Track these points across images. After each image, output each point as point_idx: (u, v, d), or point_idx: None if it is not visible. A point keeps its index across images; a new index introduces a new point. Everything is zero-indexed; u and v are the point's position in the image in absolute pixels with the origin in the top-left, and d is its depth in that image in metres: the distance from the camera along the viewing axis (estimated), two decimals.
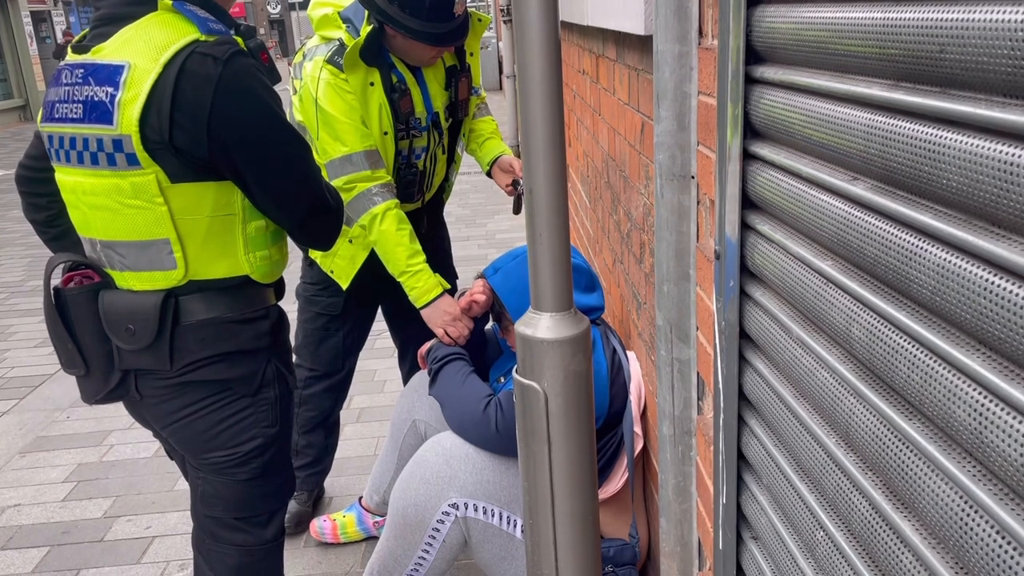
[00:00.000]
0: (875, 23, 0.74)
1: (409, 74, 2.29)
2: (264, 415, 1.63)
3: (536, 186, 1.24)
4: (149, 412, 1.63)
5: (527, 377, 1.33)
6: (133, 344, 1.52)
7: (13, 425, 3.62)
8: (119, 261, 1.51)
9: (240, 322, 1.56)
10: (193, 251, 1.49)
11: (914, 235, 0.71)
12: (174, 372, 1.54)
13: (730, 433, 1.21)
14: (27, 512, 2.91)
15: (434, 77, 2.36)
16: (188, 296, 1.52)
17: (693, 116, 1.34)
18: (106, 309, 1.53)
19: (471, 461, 1.92)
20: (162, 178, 1.41)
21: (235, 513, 1.68)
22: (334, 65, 2.13)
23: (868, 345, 0.80)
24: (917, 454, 0.72)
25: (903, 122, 0.72)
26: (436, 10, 2.08)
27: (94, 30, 1.48)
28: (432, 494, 1.90)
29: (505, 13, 9.39)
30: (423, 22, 2.08)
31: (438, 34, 2.12)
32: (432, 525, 1.91)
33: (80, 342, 1.56)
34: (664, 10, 1.32)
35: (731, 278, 1.14)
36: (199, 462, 1.65)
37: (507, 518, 1.92)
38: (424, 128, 2.35)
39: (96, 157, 1.43)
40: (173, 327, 1.51)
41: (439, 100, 2.39)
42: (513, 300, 2.04)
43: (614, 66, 2.26)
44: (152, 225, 1.45)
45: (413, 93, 2.29)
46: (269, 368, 1.63)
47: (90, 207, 1.49)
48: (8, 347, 4.60)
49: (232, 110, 1.39)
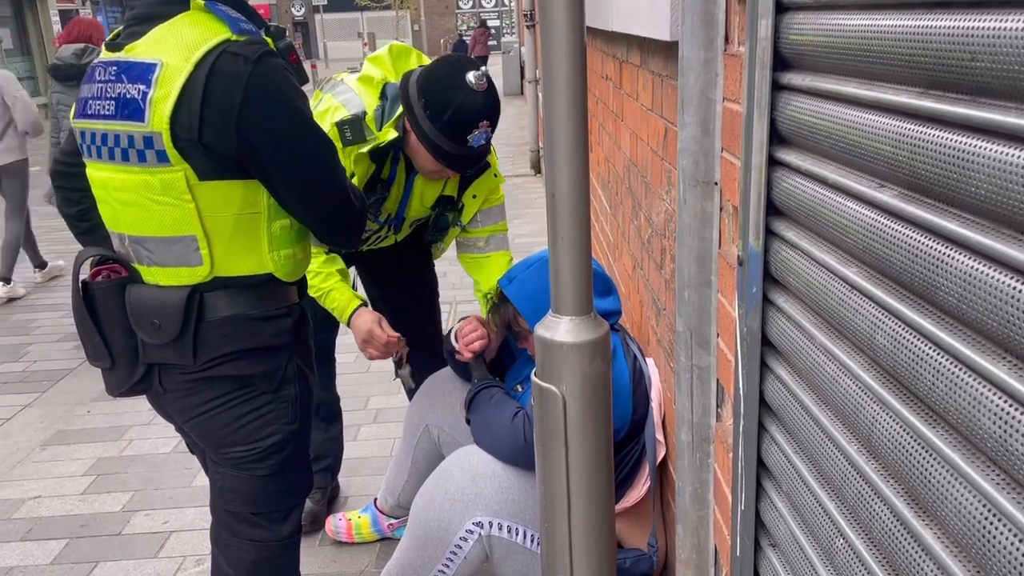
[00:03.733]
0: (905, 30, 0.74)
1: (403, 176, 2.25)
2: (284, 412, 1.65)
3: (559, 190, 1.25)
4: (172, 406, 1.65)
5: (546, 380, 1.34)
6: (158, 338, 1.54)
7: (35, 418, 3.67)
8: (147, 256, 1.54)
9: (263, 319, 1.58)
10: (219, 248, 1.51)
11: (941, 242, 0.71)
12: (197, 367, 1.56)
13: (750, 440, 1.21)
14: (47, 504, 2.94)
15: (423, 192, 2.32)
16: (213, 292, 1.54)
17: (718, 122, 1.35)
18: (132, 303, 1.55)
19: (497, 480, 1.92)
20: (190, 175, 1.43)
21: (253, 508, 1.69)
22: (340, 133, 2.08)
23: (892, 352, 0.79)
24: (940, 461, 0.72)
25: (932, 129, 0.72)
26: (452, 126, 2.02)
27: (127, 28, 1.51)
28: (457, 511, 1.90)
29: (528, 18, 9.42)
30: (436, 130, 2.03)
31: (443, 149, 2.05)
32: (455, 541, 1.91)
33: (106, 335, 1.58)
34: (690, 16, 1.32)
35: (754, 284, 1.14)
36: (219, 457, 1.67)
37: (531, 536, 1.92)
38: (381, 223, 2.34)
39: (127, 153, 1.45)
40: (197, 323, 1.53)
41: (415, 212, 2.36)
42: (529, 308, 2.04)
43: (638, 72, 2.26)
44: (180, 221, 1.48)
45: (393, 195, 2.27)
46: (290, 366, 1.64)
47: (120, 203, 1.52)
48: (31, 341, 4.66)
49: (260, 109, 1.41)
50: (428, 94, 2.02)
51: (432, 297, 2.75)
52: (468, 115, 2.01)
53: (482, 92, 2.02)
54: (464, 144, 2.05)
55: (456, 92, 2.00)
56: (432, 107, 2.02)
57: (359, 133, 2.09)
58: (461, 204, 2.39)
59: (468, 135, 2.03)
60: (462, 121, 2.02)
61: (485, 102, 2.03)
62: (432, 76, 2.05)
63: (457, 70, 2.03)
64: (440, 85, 2.03)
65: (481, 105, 2.02)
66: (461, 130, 2.02)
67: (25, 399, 3.87)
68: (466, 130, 2.03)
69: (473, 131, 2.03)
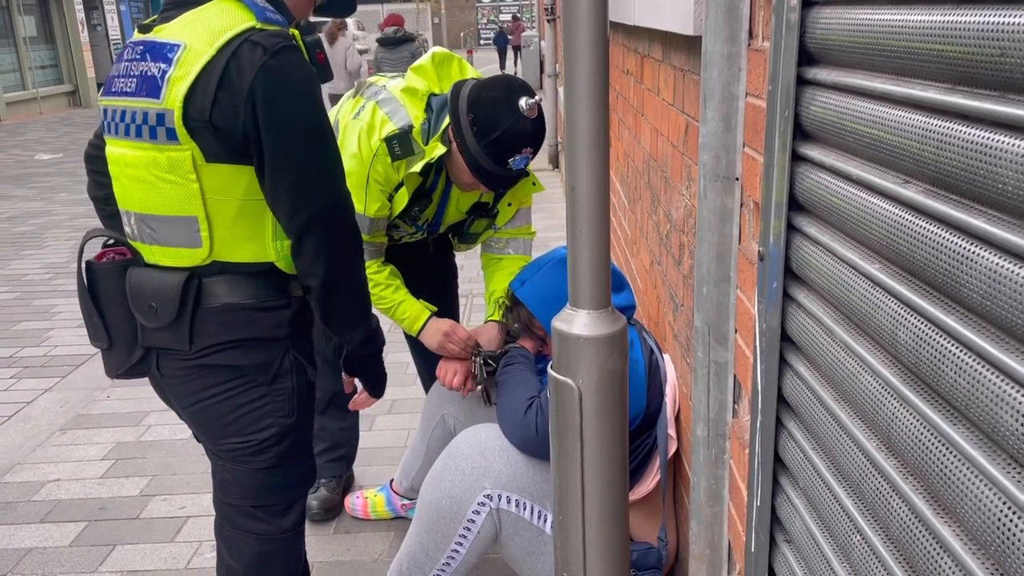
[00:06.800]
0: (934, 26, 0.74)
1: (442, 186, 2.28)
2: (280, 405, 1.63)
3: (578, 184, 1.25)
4: (171, 392, 1.66)
5: (562, 373, 1.34)
6: (154, 322, 1.55)
7: (55, 402, 3.71)
8: (149, 235, 1.55)
9: (260, 309, 1.57)
10: (220, 232, 1.51)
11: (966, 239, 0.71)
12: (193, 354, 1.57)
13: (767, 435, 1.21)
14: (66, 487, 2.98)
15: (459, 199, 2.35)
16: (211, 278, 1.54)
17: (740, 117, 1.34)
18: (132, 285, 1.56)
19: (506, 453, 1.93)
20: (197, 156, 1.44)
21: (252, 501, 1.69)
22: (390, 149, 2.11)
23: (914, 349, 0.79)
24: (961, 459, 0.72)
25: (959, 125, 0.71)
26: (497, 147, 2.03)
27: (162, 14, 1.54)
28: (467, 485, 1.91)
29: (549, 12, 9.39)
30: (479, 147, 2.04)
31: (483, 168, 2.07)
32: (467, 516, 1.91)
33: (105, 316, 1.60)
34: (714, 11, 1.32)
35: (774, 280, 1.14)
36: (217, 448, 1.67)
37: (538, 512, 1.93)
38: (419, 228, 2.37)
39: (140, 130, 1.47)
40: (195, 308, 1.54)
41: (451, 218, 2.40)
42: (543, 310, 2.05)
43: (659, 66, 2.26)
44: (183, 201, 1.48)
45: (432, 204, 2.30)
46: (287, 358, 1.62)
47: (130, 179, 1.53)
48: (52, 326, 4.71)
49: (270, 90, 1.41)
50: (478, 111, 2.04)
51: (453, 288, 2.78)
52: (514, 140, 2.03)
53: (531, 120, 2.04)
54: (504, 166, 2.07)
55: (507, 115, 2.02)
56: (480, 124, 2.03)
57: (407, 148, 2.12)
58: (496, 210, 2.41)
59: (510, 158, 2.06)
60: (507, 144, 2.04)
61: (533, 130, 2.05)
62: (485, 95, 2.06)
63: (511, 93, 2.05)
64: (491, 105, 2.04)
65: (529, 132, 2.04)
66: (504, 153, 2.04)
67: (46, 383, 3.92)
68: (509, 153, 2.05)
69: (515, 155, 2.05)
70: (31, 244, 6.66)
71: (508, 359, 2.14)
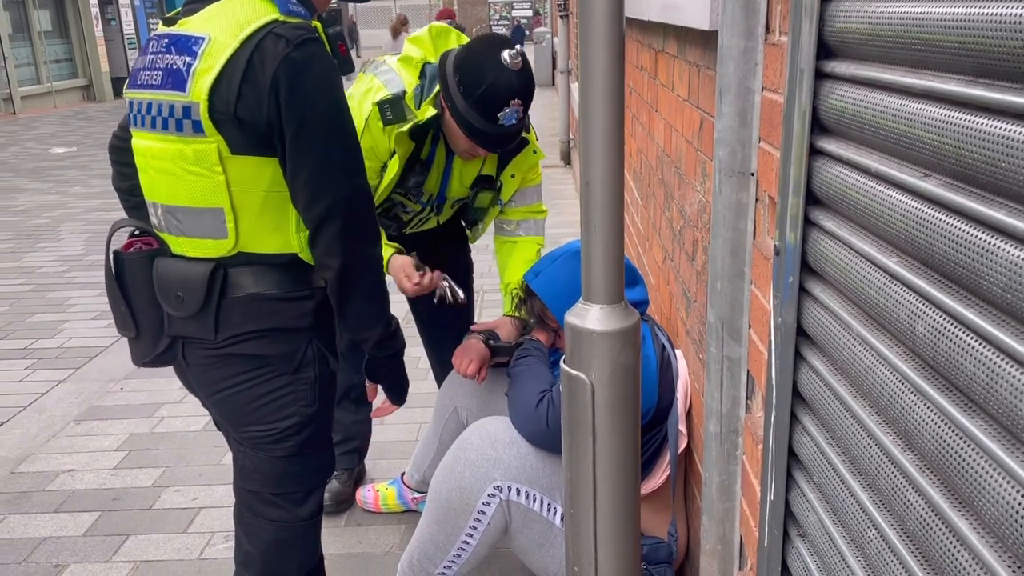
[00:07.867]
0: (955, 18, 0.74)
1: (443, 157, 2.27)
2: (303, 394, 1.65)
3: (592, 179, 1.25)
4: (195, 380, 1.68)
5: (575, 368, 1.34)
6: (181, 311, 1.57)
7: (69, 394, 3.74)
8: (175, 226, 1.57)
9: (285, 300, 1.58)
10: (246, 223, 1.52)
11: (987, 232, 0.71)
12: (218, 343, 1.59)
13: (781, 430, 1.20)
14: (80, 478, 3.01)
15: (462, 171, 2.34)
16: (237, 269, 1.56)
17: (756, 112, 1.34)
18: (159, 275, 1.58)
19: (515, 445, 1.93)
20: (223, 148, 1.46)
21: (272, 489, 1.71)
22: (381, 113, 2.12)
23: (933, 342, 0.79)
24: (979, 452, 0.72)
25: (980, 118, 0.71)
26: (484, 102, 2.03)
27: (186, 7, 1.55)
28: (478, 476, 1.91)
29: (562, 8, 9.38)
30: (467, 106, 2.04)
31: (474, 126, 2.07)
32: (478, 508, 1.92)
33: (133, 305, 1.61)
34: (731, 6, 1.31)
35: (790, 274, 1.14)
36: (239, 435, 1.69)
37: (548, 505, 1.93)
38: (424, 204, 2.36)
39: (167, 123, 1.49)
40: (220, 298, 1.56)
41: (455, 193, 2.38)
42: (557, 303, 2.05)
43: (674, 62, 2.25)
44: (209, 193, 1.50)
45: (433, 175, 2.29)
46: (310, 348, 1.64)
47: (156, 171, 1.55)
48: (67, 318, 4.75)
49: (292, 82, 1.43)
50: (463, 70, 2.05)
51: (469, 283, 2.78)
52: (500, 92, 2.03)
53: (516, 70, 2.04)
54: (495, 122, 2.06)
55: (490, 69, 2.02)
56: (465, 83, 2.04)
57: (399, 112, 2.12)
58: (500, 183, 2.40)
59: (499, 112, 2.05)
60: (493, 98, 2.03)
61: (518, 80, 2.05)
62: (468, 53, 2.08)
63: (492, 48, 2.06)
64: (475, 61, 2.05)
65: (514, 83, 2.04)
66: (492, 107, 2.04)
67: (60, 375, 3.95)
68: (497, 107, 2.04)
69: (504, 109, 2.05)
70: (46, 237, 6.71)
71: (522, 351, 2.15)
